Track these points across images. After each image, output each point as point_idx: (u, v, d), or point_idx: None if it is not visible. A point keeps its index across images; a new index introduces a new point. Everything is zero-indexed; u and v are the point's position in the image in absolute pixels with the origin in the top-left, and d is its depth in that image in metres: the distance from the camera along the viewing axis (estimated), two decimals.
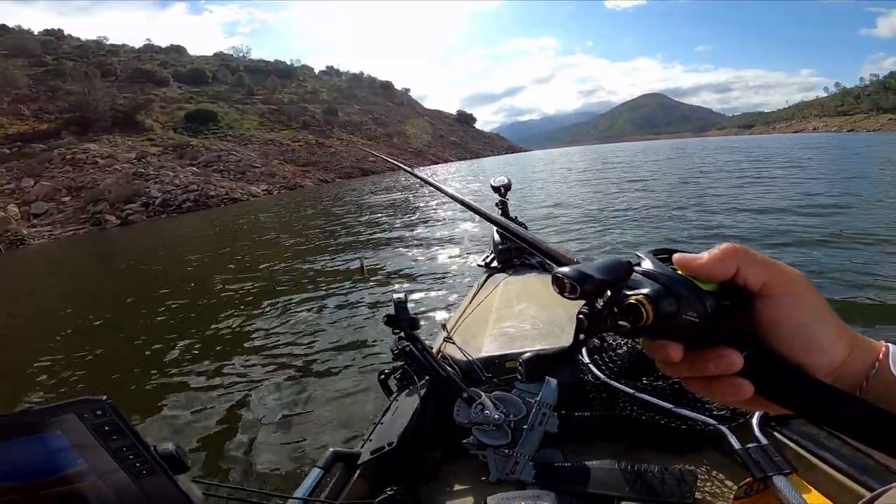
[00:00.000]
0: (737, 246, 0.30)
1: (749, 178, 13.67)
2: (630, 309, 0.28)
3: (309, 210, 19.37)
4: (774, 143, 40.75)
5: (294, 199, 28.00)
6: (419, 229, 10.47)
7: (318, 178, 47.43)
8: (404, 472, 1.21)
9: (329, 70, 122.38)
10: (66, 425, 0.59)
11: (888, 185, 10.28)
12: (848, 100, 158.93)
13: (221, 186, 35.49)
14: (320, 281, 6.64)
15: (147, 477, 0.62)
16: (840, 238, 5.82)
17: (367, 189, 28.12)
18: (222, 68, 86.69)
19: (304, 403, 3.16)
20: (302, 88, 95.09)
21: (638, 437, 1.26)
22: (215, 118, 59.95)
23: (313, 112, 76.85)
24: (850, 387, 0.29)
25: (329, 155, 57.69)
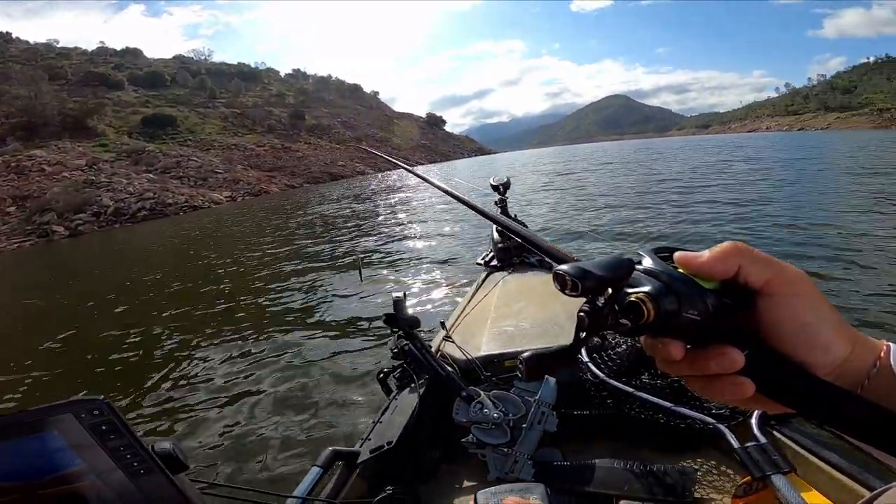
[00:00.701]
0: (738, 244, 0.30)
1: (729, 178, 13.94)
2: (631, 307, 0.28)
3: (282, 216, 18.54)
4: (735, 142, 42.21)
5: (261, 206, 26.93)
6: (413, 228, 10.39)
7: (285, 184, 45.99)
8: (403, 470, 1.22)
9: (295, 73, 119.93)
10: (64, 425, 0.59)
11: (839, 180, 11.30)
12: (797, 99, 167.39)
13: (180, 194, 33.82)
14: (315, 279, 6.66)
15: (145, 476, 0.62)
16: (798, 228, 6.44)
17: (340, 193, 27.37)
18: (182, 71, 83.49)
19: (303, 402, 3.14)
20: (267, 92, 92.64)
21: (637, 436, 1.25)
22: (174, 122, 57.50)
23: (279, 116, 74.86)
24: (851, 385, 0.29)
25: (296, 159, 56.16)
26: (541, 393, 1.22)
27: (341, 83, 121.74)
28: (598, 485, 1.09)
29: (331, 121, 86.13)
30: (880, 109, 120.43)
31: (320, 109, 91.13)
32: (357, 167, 62.03)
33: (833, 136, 50.95)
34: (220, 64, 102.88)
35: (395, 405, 1.36)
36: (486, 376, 1.44)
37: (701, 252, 0.30)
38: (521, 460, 1.15)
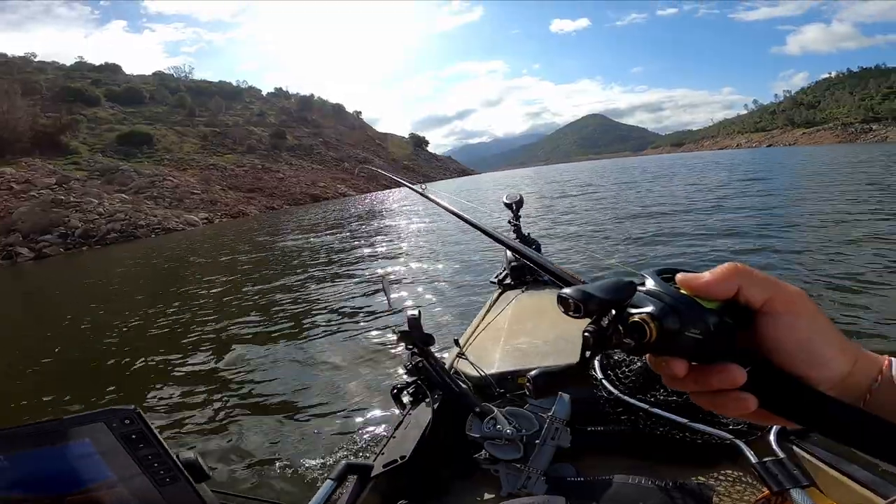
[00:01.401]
0: (738, 265, 0.31)
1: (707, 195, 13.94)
2: (634, 327, 0.29)
3: (279, 236, 17.92)
4: (717, 158, 43.31)
5: (242, 228, 26.18)
6: (423, 247, 10.45)
7: (265, 205, 45.16)
8: (416, 485, 1.23)
9: (277, 92, 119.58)
10: (95, 434, 0.60)
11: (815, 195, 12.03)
12: (765, 116, 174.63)
13: (153, 215, 32.77)
14: (328, 297, 6.76)
15: (170, 485, 0.63)
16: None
17: (328, 214, 26.75)
18: (161, 88, 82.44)
19: (317, 416, 3.18)
20: (248, 111, 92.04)
21: (653, 452, 1.24)
22: (151, 141, 56.30)
23: (260, 135, 74.15)
24: (854, 400, 0.30)
25: (277, 180, 55.39)
26: (554, 409, 1.22)
27: (324, 103, 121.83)
28: (613, 501, 1.08)
29: (313, 141, 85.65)
30: (844, 124, 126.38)
31: (302, 129, 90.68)
32: (339, 189, 61.60)
33: (800, 151, 53.25)
34: (201, 81, 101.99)
35: (409, 420, 1.37)
36: (499, 393, 1.45)
37: (702, 273, 0.31)
38: (534, 476, 1.15)
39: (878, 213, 8.39)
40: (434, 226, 14.29)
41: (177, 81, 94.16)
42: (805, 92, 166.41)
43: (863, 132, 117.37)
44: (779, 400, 0.29)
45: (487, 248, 8.39)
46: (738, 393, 0.29)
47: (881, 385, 0.30)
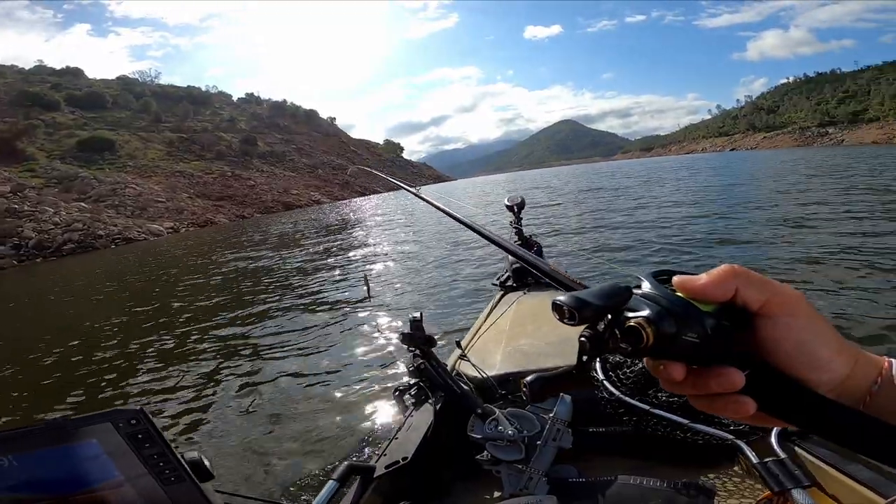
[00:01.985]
0: (735, 267, 0.30)
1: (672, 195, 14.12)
2: (630, 331, 0.28)
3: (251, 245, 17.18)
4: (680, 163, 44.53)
5: (211, 237, 25.15)
6: (420, 248, 10.33)
7: (235, 214, 43.91)
8: (418, 486, 1.24)
9: (249, 97, 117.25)
10: (102, 434, 0.60)
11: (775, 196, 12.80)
12: (728, 121, 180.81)
13: (114, 224, 31.33)
14: (326, 297, 6.83)
15: (175, 484, 0.64)
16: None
17: (299, 222, 26.02)
18: (125, 93, 79.60)
19: (320, 417, 3.18)
20: (218, 116, 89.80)
21: (654, 453, 1.25)
22: (112, 147, 54.16)
23: (230, 141, 72.43)
24: (853, 402, 0.30)
25: (248, 188, 54.07)
26: (556, 410, 1.22)
27: (296, 108, 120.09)
28: (614, 501, 1.08)
29: (285, 147, 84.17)
30: (801, 128, 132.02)
31: (274, 136, 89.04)
32: (312, 196, 60.60)
33: (761, 155, 55.75)
34: (168, 86, 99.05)
35: (411, 422, 1.38)
36: (501, 394, 1.45)
37: (698, 276, 0.30)
38: (535, 477, 1.15)
39: (842, 214, 8.53)
40: (422, 227, 14.29)
41: (142, 86, 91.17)
42: (765, 97, 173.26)
43: (819, 136, 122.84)
44: (778, 403, 0.29)
45: (489, 249, 8.35)
46: (737, 396, 0.29)
47: (881, 387, 0.30)
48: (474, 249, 9.14)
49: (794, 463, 0.98)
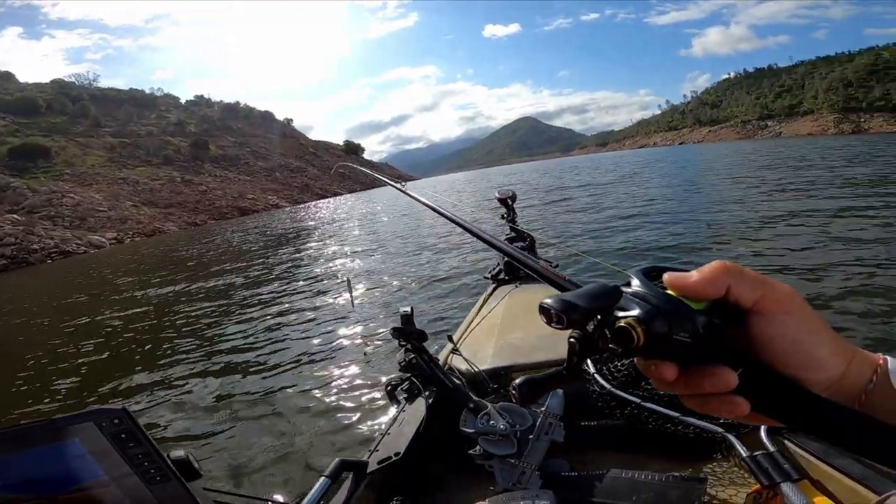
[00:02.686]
0: (727, 263, 0.29)
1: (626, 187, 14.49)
2: (620, 332, 0.28)
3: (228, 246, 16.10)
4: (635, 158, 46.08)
5: (161, 247, 23.66)
6: (410, 243, 10.26)
7: (186, 221, 41.81)
8: (411, 481, 1.24)
9: (198, 99, 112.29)
10: (85, 433, 0.60)
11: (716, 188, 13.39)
12: (676, 116, 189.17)
13: (50, 237, 29.10)
14: (311, 293, 6.81)
15: (161, 484, 0.63)
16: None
17: (258, 227, 24.90)
18: (60, 97, 74.29)
19: (312, 413, 3.15)
20: (164, 119, 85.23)
21: (645, 446, 1.27)
22: (48, 154, 50.37)
23: (178, 145, 68.96)
24: (848, 401, 0.29)
25: (199, 193, 51.68)
26: (548, 404, 1.23)
27: (251, 110, 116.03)
28: (606, 495, 1.09)
29: (239, 151, 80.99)
30: (743, 121, 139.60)
31: (227, 139, 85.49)
32: (270, 200, 58.65)
33: (708, 147, 58.72)
34: (108, 89, 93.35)
35: (403, 417, 1.38)
36: (493, 388, 1.45)
37: (690, 272, 0.30)
38: (528, 471, 1.16)
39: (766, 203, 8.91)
40: (393, 225, 14.49)
41: (79, 90, 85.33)
42: (709, 92, 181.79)
43: (759, 128, 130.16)
44: (772, 402, 0.29)
45: (468, 241, 8.39)
46: (731, 396, 0.29)
47: (876, 386, 0.30)
48: (455, 243, 9.06)
49: (783, 456, 0.98)
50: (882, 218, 6.51)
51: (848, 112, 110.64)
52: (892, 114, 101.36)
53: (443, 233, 10.85)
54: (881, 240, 5.37)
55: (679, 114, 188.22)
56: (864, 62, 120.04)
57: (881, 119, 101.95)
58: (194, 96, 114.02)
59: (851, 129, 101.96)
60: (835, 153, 21.42)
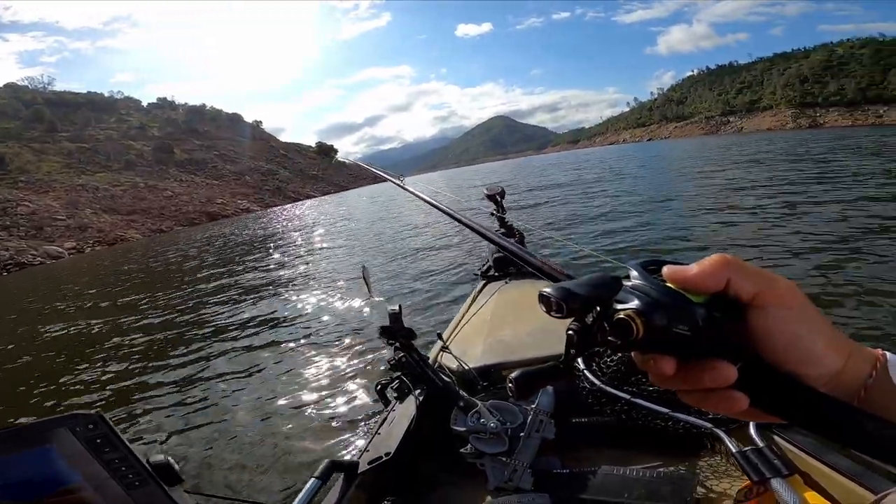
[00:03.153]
0: (727, 256, 0.29)
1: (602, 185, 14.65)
2: (619, 324, 0.28)
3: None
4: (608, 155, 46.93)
5: (125, 256, 22.65)
6: (404, 240, 10.09)
7: (150, 228, 40.34)
8: (402, 481, 1.24)
9: (161, 102, 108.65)
10: (60, 439, 0.60)
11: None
12: (644, 112, 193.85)
13: (4, 248, 27.60)
14: (316, 290, 6.92)
15: (140, 489, 0.63)
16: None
17: (229, 234, 24.09)
18: (13, 101, 70.97)
19: (300, 414, 3.12)
20: (125, 123, 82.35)
21: (636, 442, 1.27)
22: (0, 161, 48.00)
23: (140, 150, 66.68)
24: (847, 396, 0.29)
25: (164, 199, 49.98)
26: (539, 401, 1.22)
27: (218, 113, 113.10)
28: (598, 492, 1.09)
29: (206, 154, 78.72)
30: (707, 117, 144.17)
31: (192, 142, 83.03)
32: (240, 204, 57.25)
33: (675, 143, 60.55)
34: (65, 93, 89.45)
35: (393, 416, 1.38)
36: (483, 386, 1.45)
37: (689, 265, 0.30)
38: (519, 469, 1.15)
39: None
40: (377, 223, 14.31)
41: (33, 93, 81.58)
42: (674, 89, 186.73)
43: (722, 124, 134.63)
44: (770, 398, 0.28)
45: (465, 242, 8.34)
46: (730, 392, 0.28)
47: (875, 381, 0.30)
48: (444, 242, 8.93)
49: (773, 452, 0.97)
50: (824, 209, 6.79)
51: (805, 107, 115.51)
52: (846, 108, 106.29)
53: (429, 231, 10.71)
54: (828, 231, 5.57)
55: (647, 111, 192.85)
56: (819, 58, 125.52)
57: (836, 113, 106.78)
58: (157, 99, 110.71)
59: (808, 124, 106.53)
60: (794, 147, 22.21)
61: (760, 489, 0.92)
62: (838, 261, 4.41)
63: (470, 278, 4.38)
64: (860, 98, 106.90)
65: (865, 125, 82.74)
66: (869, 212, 6.28)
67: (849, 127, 76.64)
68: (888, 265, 4.10)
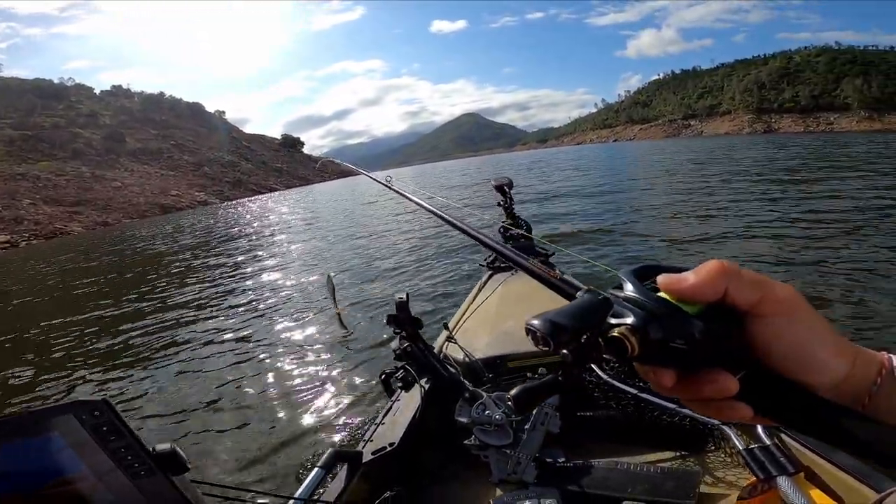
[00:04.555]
0: (724, 264, 0.28)
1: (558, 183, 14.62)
2: (613, 342, 0.27)
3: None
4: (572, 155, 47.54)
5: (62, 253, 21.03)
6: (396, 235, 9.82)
7: (95, 221, 38.13)
8: (405, 472, 1.24)
9: (115, 90, 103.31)
10: (65, 426, 0.59)
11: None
12: (611, 114, 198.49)
13: None
14: (299, 282, 6.87)
15: (146, 478, 0.63)
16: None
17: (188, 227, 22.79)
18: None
19: (305, 404, 3.10)
20: (74, 111, 77.90)
21: (641, 437, 1.27)
22: None
23: (89, 138, 63.17)
24: (853, 402, 0.29)
25: (113, 190, 47.46)
26: None
27: (177, 102, 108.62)
28: (601, 486, 1.09)
29: (161, 144, 75.36)
30: (670, 120, 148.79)
31: (148, 131, 79.43)
32: (197, 196, 55.07)
33: (639, 144, 62.52)
34: (10, 79, 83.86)
35: (398, 406, 1.38)
36: (488, 377, 1.44)
37: (685, 275, 0.28)
38: (524, 461, 1.15)
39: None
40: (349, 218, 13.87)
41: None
42: (640, 92, 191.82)
43: (684, 127, 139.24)
44: (774, 406, 0.28)
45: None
46: (731, 402, 0.28)
47: (881, 387, 0.29)
48: (446, 230, 8.66)
49: (779, 449, 0.96)
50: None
51: (761, 112, 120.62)
52: (799, 115, 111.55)
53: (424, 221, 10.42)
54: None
55: (613, 112, 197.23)
56: (778, 65, 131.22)
57: (790, 120, 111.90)
58: (111, 87, 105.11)
59: (763, 129, 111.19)
60: (755, 154, 22.80)
61: (765, 486, 0.91)
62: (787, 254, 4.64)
63: (476, 268, 4.42)
64: (813, 105, 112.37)
65: (817, 132, 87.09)
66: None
67: (801, 133, 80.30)
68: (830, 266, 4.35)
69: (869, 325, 3.11)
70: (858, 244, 4.93)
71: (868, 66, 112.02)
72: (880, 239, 5.04)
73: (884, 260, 4.32)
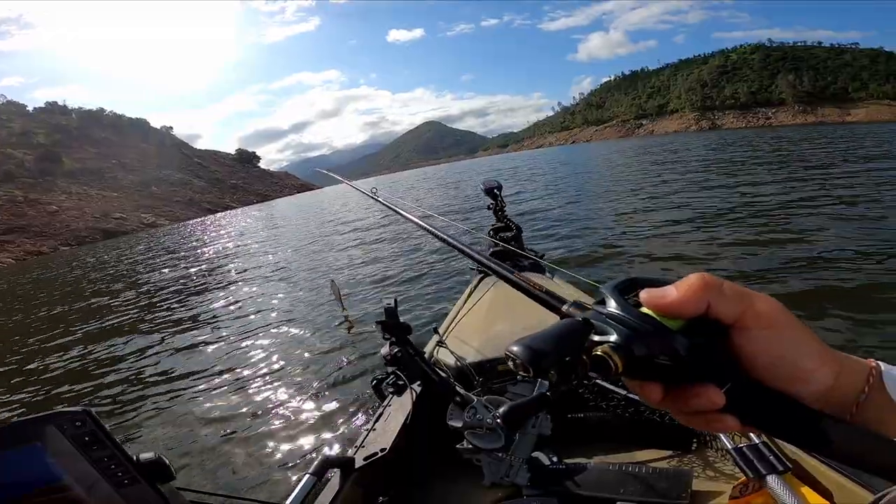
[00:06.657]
0: (706, 278, 0.28)
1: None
2: (597, 361, 0.27)
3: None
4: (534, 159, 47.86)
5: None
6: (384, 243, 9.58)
7: (27, 250, 34.95)
8: (398, 477, 1.25)
9: (50, 106, 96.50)
10: (47, 437, 0.59)
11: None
12: (567, 117, 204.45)
13: None
14: (293, 289, 6.81)
15: (130, 486, 0.62)
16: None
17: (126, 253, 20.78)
18: None
19: (296, 410, 3.11)
20: (4, 129, 72.20)
21: (632, 438, 1.29)
22: None
23: (21, 159, 58.49)
24: (841, 412, 0.29)
25: (48, 215, 43.91)
26: (535, 397, 1.23)
27: (118, 118, 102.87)
28: (594, 487, 1.10)
29: (103, 163, 70.90)
30: (623, 121, 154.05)
31: (87, 150, 74.62)
32: (144, 218, 51.90)
33: (596, 145, 64.53)
34: None
35: (389, 412, 1.38)
36: (479, 381, 1.45)
37: (667, 289, 0.28)
38: (516, 465, 1.16)
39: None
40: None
41: None
42: (593, 94, 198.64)
43: (636, 127, 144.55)
44: (761, 417, 0.28)
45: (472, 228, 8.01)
46: (718, 414, 0.28)
47: (868, 396, 0.29)
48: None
49: (769, 448, 0.97)
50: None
51: (706, 110, 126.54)
52: (740, 111, 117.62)
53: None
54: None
55: (570, 115, 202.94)
56: (717, 63, 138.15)
57: (732, 116, 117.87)
58: (45, 103, 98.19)
59: (709, 126, 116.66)
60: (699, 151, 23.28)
61: (756, 485, 0.92)
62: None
63: (466, 272, 4.45)
64: (751, 101, 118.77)
65: (757, 127, 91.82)
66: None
67: (742, 129, 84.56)
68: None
69: (858, 329, 2.98)
70: (824, 242, 4.81)
71: (798, 62, 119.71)
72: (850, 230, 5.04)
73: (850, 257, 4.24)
